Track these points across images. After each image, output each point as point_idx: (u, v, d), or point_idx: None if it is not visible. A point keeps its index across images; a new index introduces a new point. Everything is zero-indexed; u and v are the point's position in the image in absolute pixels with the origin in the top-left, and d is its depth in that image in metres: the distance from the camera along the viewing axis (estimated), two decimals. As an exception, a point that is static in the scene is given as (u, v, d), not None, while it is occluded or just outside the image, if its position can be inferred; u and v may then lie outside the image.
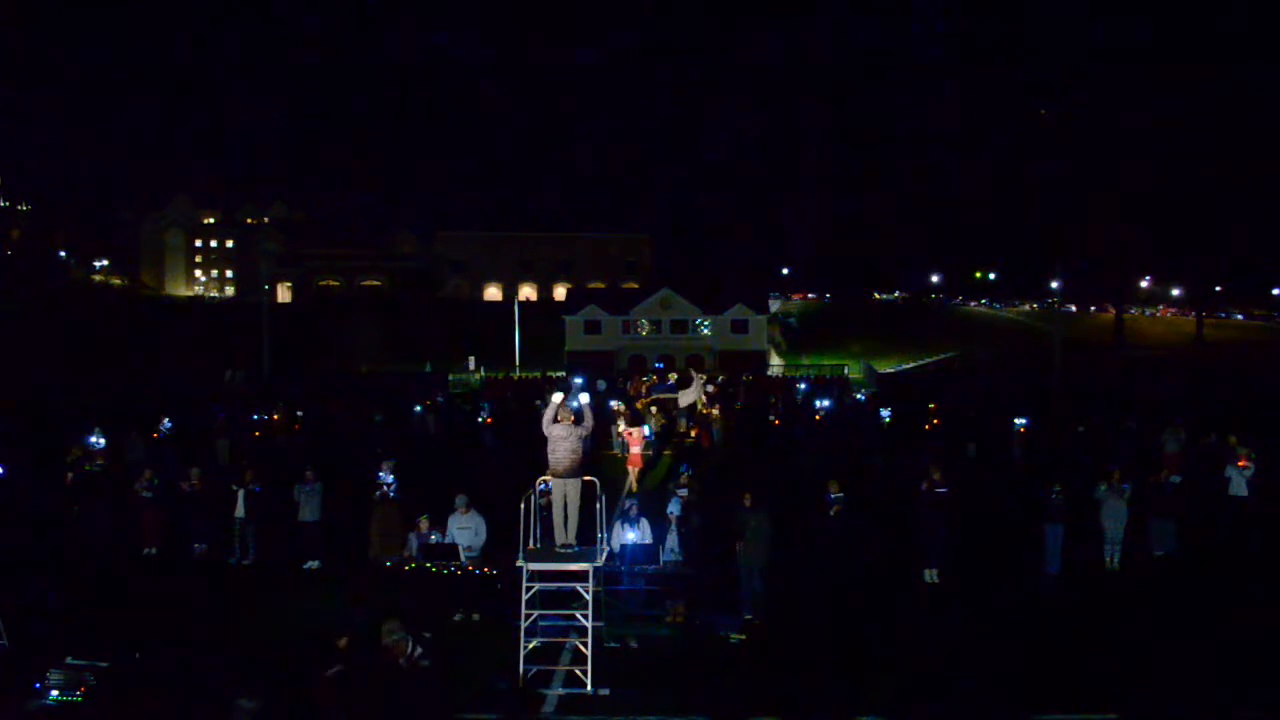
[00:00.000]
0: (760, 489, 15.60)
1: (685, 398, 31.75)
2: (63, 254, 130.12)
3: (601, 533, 12.50)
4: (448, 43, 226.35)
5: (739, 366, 64.65)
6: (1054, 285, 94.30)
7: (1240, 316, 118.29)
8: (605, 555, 12.76)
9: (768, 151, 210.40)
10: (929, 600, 15.15)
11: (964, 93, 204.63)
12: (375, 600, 13.37)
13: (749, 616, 13.89)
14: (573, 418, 12.19)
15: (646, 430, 27.52)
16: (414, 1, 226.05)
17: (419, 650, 9.58)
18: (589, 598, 11.64)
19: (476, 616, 13.91)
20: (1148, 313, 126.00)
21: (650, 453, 26.95)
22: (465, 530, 14.76)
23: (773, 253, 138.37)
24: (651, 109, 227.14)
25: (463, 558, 14.36)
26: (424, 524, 15.09)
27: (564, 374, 59.46)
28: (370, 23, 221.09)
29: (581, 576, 11.71)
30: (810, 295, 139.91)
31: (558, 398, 12.34)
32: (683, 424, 32.72)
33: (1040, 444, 28.44)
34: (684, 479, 17.01)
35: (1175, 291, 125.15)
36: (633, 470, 23.53)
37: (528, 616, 11.64)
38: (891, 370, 74.77)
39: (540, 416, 12.61)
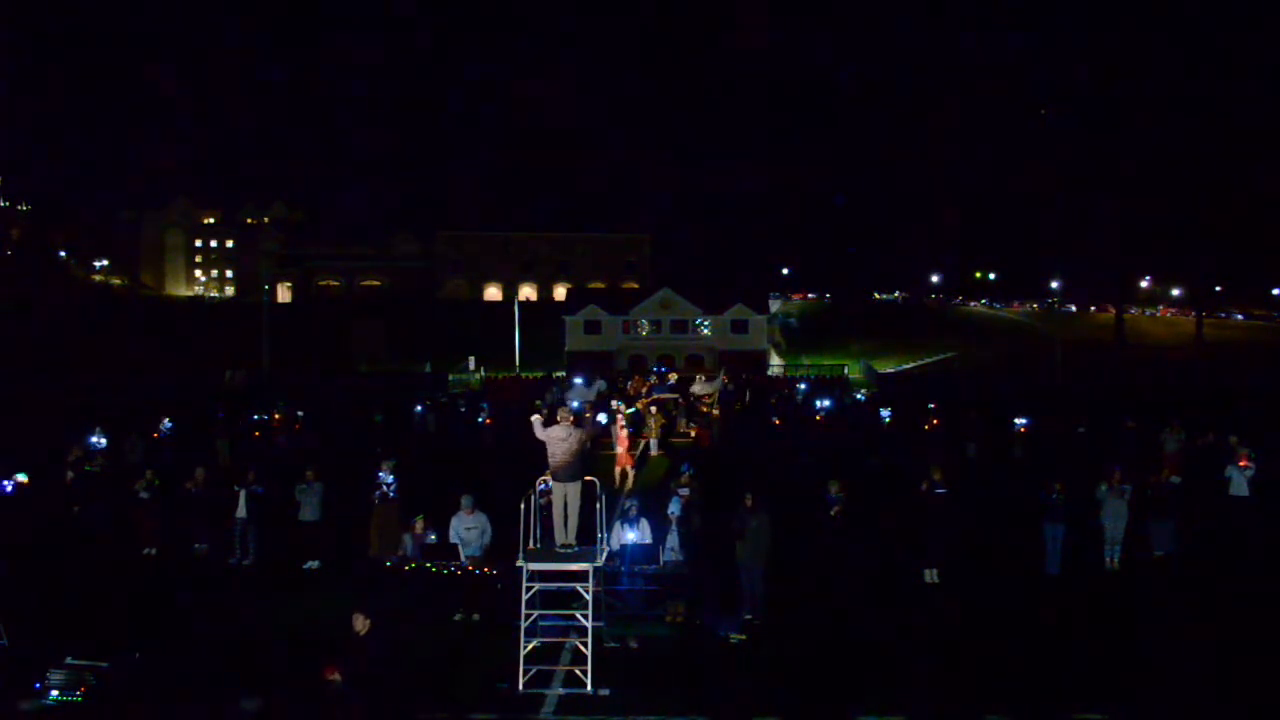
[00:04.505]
0: (761, 489, 15.59)
1: (704, 387, 32.32)
2: (63, 254, 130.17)
3: (601, 533, 12.50)
4: (448, 41, 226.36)
5: (739, 366, 64.64)
6: (1054, 285, 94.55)
7: (1240, 316, 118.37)
8: (605, 555, 12.76)
9: (768, 151, 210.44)
10: (929, 600, 15.15)
11: (964, 92, 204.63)
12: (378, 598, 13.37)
13: (749, 616, 13.89)
14: (572, 419, 12.18)
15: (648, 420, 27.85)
16: (414, 1, 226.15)
17: None
18: (589, 598, 11.64)
19: (476, 616, 13.91)
20: (1148, 313, 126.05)
21: (637, 451, 26.99)
22: (472, 530, 14.77)
23: (773, 253, 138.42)
24: (652, 108, 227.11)
25: (463, 558, 14.37)
26: (419, 525, 15.09)
27: (564, 374, 59.47)
28: (370, 22, 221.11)
29: (581, 576, 11.71)
30: (810, 295, 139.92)
31: (536, 419, 12.32)
32: (683, 424, 32.76)
33: (1040, 444, 28.45)
34: (684, 479, 17.01)
35: (1175, 291, 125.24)
36: (619, 469, 23.54)
37: (528, 616, 11.64)
38: (891, 370, 74.78)
39: (541, 417, 12.59)
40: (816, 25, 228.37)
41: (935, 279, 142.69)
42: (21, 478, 18.50)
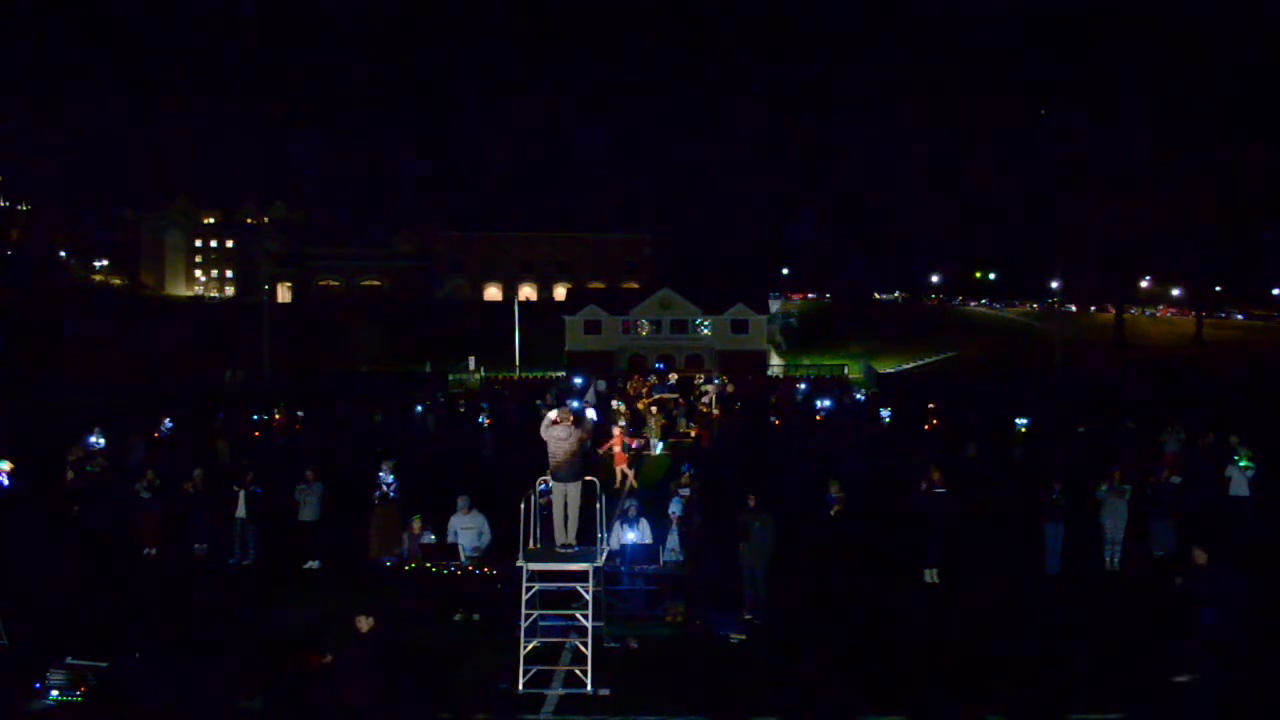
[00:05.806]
0: (764, 489, 15.60)
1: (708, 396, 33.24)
2: (63, 254, 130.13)
3: (601, 533, 12.50)
4: (449, 42, 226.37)
5: (739, 367, 64.63)
6: (1054, 285, 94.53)
7: (1240, 316, 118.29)
8: (605, 555, 12.76)
9: (768, 151, 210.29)
10: (929, 600, 15.15)
11: (964, 92, 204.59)
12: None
13: (749, 616, 13.89)
14: (572, 419, 12.19)
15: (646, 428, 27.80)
16: (415, 2, 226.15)
17: None
18: (589, 598, 11.65)
19: (476, 616, 13.91)
20: (1148, 313, 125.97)
21: (633, 451, 27.05)
22: (469, 530, 14.77)
23: (773, 253, 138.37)
24: (652, 108, 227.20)
25: (463, 558, 14.37)
26: (416, 525, 15.09)
27: (563, 374, 59.48)
28: (371, 22, 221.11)
29: (581, 576, 11.72)
30: (810, 295, 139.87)
31: (553, 414, 12.28)
32: (683, 424, 32.78)
33: (1040, 444, 28.42)
34: (685, 479, 17.02)
35: (1175, 291, 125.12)
36: (619, 468, 23.53)
37: (528, 616, 11.65)
38: (891, 370, 74.74)
39: (540, 417, 12.61)
40: (816, 24, 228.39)
41: (935, 279, 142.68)
42: (4, 465, 18.44)
